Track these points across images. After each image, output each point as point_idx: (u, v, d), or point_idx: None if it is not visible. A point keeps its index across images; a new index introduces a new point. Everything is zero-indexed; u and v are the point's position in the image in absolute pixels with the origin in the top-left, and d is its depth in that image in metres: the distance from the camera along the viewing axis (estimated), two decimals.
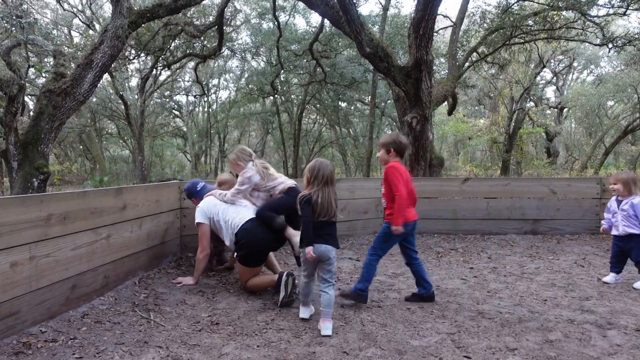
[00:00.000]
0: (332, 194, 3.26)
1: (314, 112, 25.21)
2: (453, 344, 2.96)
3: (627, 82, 17.92)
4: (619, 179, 4.32)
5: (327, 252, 3.23)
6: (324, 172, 3.27)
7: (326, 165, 3.33)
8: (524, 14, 12.69)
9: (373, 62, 8.85)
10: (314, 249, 3.20)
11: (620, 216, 4.25)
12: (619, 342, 2.93)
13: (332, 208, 3.24)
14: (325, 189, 3.25)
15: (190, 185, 4.60)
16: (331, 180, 3.29)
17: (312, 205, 3.22)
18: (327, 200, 3.22)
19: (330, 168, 3.33)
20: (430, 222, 6.38)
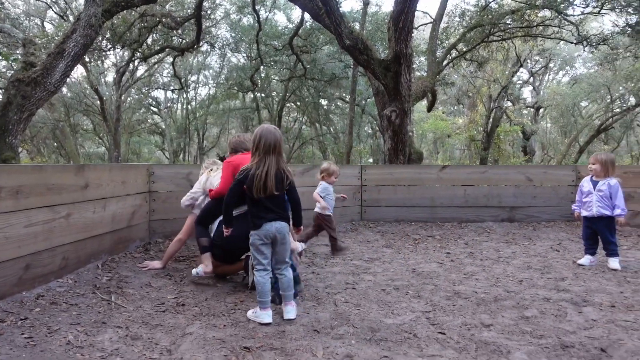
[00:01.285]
0: (274, 165, 2.84)
1: (294, 110, 25.08)
2: (428, 321, 2.86)
3: (601, 82, 18.30)
4: (598, 160, 4.31)
5: (282, 228, 2.88)
6: (266, 140, 2.84)
7: (269, 131, 2.88)
8: (502, 11, 12.81)
9: (353, 54, 8.77)
10: (260, 231, 2.85)
11: (595, 197, 4.23)
12: (595, 318, 2.88)
13: (272, 181, 2.81)
14: (267, 159, 2.83)
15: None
16: (275, 148, 2.86)
17: (253, 179, 2.81)
18: (267, 172, 2.81)
19: (275, 135, 2.88)
20: (408, 209, 6.32)
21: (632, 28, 11.29)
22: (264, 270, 2.91)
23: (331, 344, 2.50)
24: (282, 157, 2.92)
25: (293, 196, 3.00)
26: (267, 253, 2.91)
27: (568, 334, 2.63)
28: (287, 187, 2.92)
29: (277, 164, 2.86)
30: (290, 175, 2.91)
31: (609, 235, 4.21)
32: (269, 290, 2.89)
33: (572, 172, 6.35)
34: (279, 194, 2.89)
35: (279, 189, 2.86)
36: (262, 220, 2.86)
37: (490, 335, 2.62)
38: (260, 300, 2.87)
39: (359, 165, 6.66)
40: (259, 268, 2.91)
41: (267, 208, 2.86)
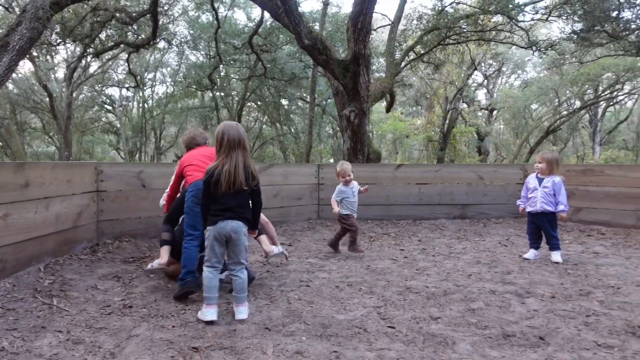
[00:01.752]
0: (242, 160, 2.79)
1: (255, 110, 24.85)
2: (379, 316, 2.90)
3: (549, 86, 19.18)
4: (544, 158, 4.51)
5: (238, 228, 2.82)
6: (229, 136, 2.79)
7: (231, 127, 2.84)
8: (457, 16, 13.18)
9: (312, 54, 8.78)
10: (215, 228, 2.79)
11: (540, 193, 4.42)
12: (536, 308, 3.01)
13: (241, 176, 2.77)
14: (233, 154, 2.78)
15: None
16: (239, 143, 2.80)
17: (218, 177, 2.76)
18: (235, 167, 2.76)
19: (238, 130, 2.84)
20: (365, 208, 6.38)
21: (577, 35, 11.90)
22: (211, 267, 2.86)
23: (282, 341, 2.49)
24: (247, 153, 2.86)
25: (255, 198, 2.96)
26: (218, 251, 2.85)
27: (510, 324, 2.73)
28: (254, 186, 2.88)
29: (243, 160, 2.80)
30: (256, 173, 2.86)
31: (552, 230, 4.41)
32: (215, 287, 2.84)
33: (520, 171, 6.62)
34: (244, 192, 2.84)
35: (247, 185, 2.81)
36: (219, 218, 2.80)
37: (438, 328, 2.68)
38: (205, 296, 2.82)
39: (316, 164, 6.69)
40: (208, 264, 2.87)
41: (226, 206, 2.80)
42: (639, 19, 11.39)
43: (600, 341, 2.46)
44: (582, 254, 4.70)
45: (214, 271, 2.87)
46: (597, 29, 11.23)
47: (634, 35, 11.53)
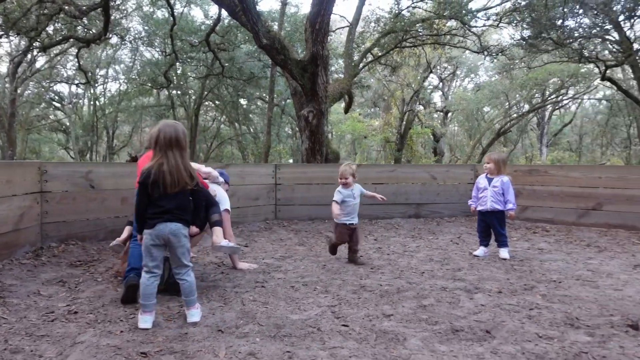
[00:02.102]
0: (179, 160, 2.69)
1: (212, 109, 24.44)
2: (333, 315, 2.92)
3: (500, 90, 20.00)
4: (492, 159, 4.69)
5: (177, 230, 2.70)
6: (165, 135, 2.68)
7: (169, 125, 2.73)
8: (413, 19, 13.49)
9: (270, 54, 8.74)
10: (153, 231, 2.70)
11: (490, 192, 4.60)
12: (483, 303, 3.12)
13: (181, 176, 2.68)
14: (170, 154, 2.67)
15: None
16: (177, 143, 2.69)
17: (155, 177, 2.67)
18: (172, 167, 2.66)
19: (176, 129, 2.72)
20: (322, 208, 6.41)
21: (526, 41, 12.45)
22: (149, 272, 2.73)
23: (235, 343, 2.46)
24: (185, 153, 2.75)
25: (196, 196, 2.87)
26: (156, 255, 2.74)
27: (459, 319, 2.82)
28: (194, 186, 2.77)
29: (181, 159, 2.70)
30: (194, 173, 2.76)
31: (500, 228, 4.60)
32: (152, 294, 2.72)
33: (471, 171, 6.87)
34: (181, 194, 2.74)
35: (182, 187, 2.70)
36: (156, 220, 2.70)
37: (390, 325, 2.73)
38: (142, 303, 2.71)
39: (273, 164, 6.66)
40: (145, 270, 2.75)
41: (163, 208, 2.70)
42: (581, 27, 12.06)
43: (542, 333, 2.59)
44: (527, 250, 4.92)
45: (152, 277, 2.74)
46: (544, 36, 11.79)
47: (577, 43, 12.20)
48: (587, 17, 11.68)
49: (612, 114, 20.84)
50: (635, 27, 12.15)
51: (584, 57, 12.61)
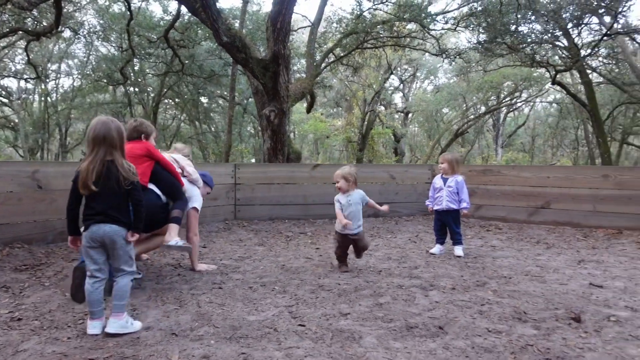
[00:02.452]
0: (111, 158, 2.57)
1: (172, 107, 23.88)
2: (290, 315, 2.92)
3: (458, 92, 20.58)
4: (446, 159, 4.81)
5: (112, 232, 2.57)
6: (96, 132, 2.55)
7: (100, 122, 2.58)
8: (374, 21, 13.67)
9: (230, 52, 8.63)
10: (87, 232, 2.57)
11: (445, 192, 4.72)
12: (438, 300, 3.20)
13: (113, 176, 2.55)
14: (100, 152, 2.55)
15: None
16: (107, 140, 2.55)
17: (79, 175, 2.55)
18: (100, 165, 2.53)
19: (108, 126, 2.57)
20: (282, 207, 6.40)
21: (482, 45, 12.87)
22: (92, 277, 2.61)
23: (189, 347, 2.42)
24: (118, 151, 2.61)
25: (132, 196, 2.67)
26: (96, 258, 2.60)
27: (414, 316, 2.88)
28: (128, 186, 2.61)
29: (110, 158, 2.57)
30: (127, 173, 2.60)
31: (455, 226, 4.73)
32: (96, 300, 2.59)
33: (428, 171, 7.03)
34: (114, 194, 2.59)
35: (110, 187, 2.57)
36: (90, 222, 2.58)
37: (347, 324, 2.75)
38: (89, 310, 2.61)
39: (232, 164, 6.57)
40: (88, 274, 2.63)
41: (95, 209, 2.58)
42: (533, 33, 12.59)
43: (491, 327, 2.68)
44: (481, 248, 5.09)
45: (96, 283, 2.61)
46: (498, 40, 12.22)
47: (529, 48, 12.72)
48: (539, 23, 12.21)
49: (562, 116, 21.86)
50: (582, 34, 12.77)
51: (536, 62, 13.17)
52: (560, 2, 11.23)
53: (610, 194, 6.07)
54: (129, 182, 2.61)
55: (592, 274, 3.98)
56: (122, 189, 2.60)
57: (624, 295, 3.34)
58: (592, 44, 12.41)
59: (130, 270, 2.67)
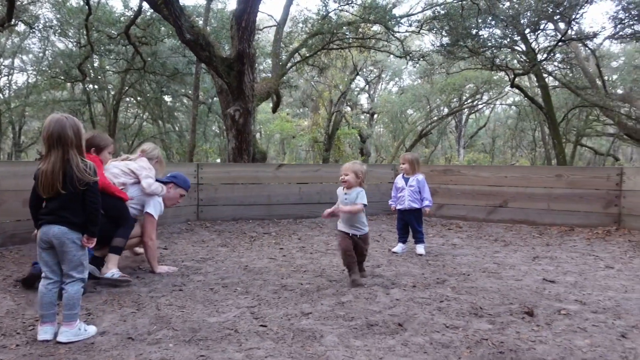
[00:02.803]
0: (66, 159, 2.46)
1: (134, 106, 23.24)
2: (252, 315, 2.90)
3: (422, 93, 20.98)
4: (406, 159, 4.90)
5: (61, 234, 2.47)
6: (49, 131, 2.44)
7: (54, 121, 2.46)
8: (340, 22, 13.76)
9: (194, 50, 8.50)
10: (39, 232, 2.51)
11: (407, 192, 4.80)
12: (398, 297, 3.25)
13: (68, 177, 2.45)
14: (53, 153, 2.45)
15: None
16: (61, 140, 2.44)
17: (38, 177, 2.48)
18: (55, 166, 2.43)
19: (61, 124, 2.45)
20: (246, 208, 6.35)
21: (444, 48, 13.17)
22: (45, 278, 2.53)
23: (145, 351, 2.36)
24: (73, 149, 2.50)
25: (87, 198, 2.55)
26: (47, 260, 2.52)
27: (375, 313, 2.92)
28: (83, 187, 2.51)
29: (64, 158, 2.46)
30: (82, 173, 2.48)
31: (417, 225, 4.82)
32: (48, 303, 2.50)
33: (392, 171, 7.14)
34: (66, 194, 2.48)
35: (65, 188, 2.47)
36: (41, 222, 2.51)
37: (308, 323, 2.76)
38: (40, 313, 2.52)
39: (195, 164, 6.47)
40: (42, 275, 2.56)
41: (48, 208, 2.51)
42: (493, 38, 12.99)
43: (449, 323, 2.75)
44: (442, 246, 5.21)
45: (49, 284, 2.52)
46: (460, 44, 12.53)
47: (489, 52, 13.12)
48: (498, 28, 12.60)
49: (520, 118, 22.64)
50: (539, 39, 13.26)
51: (496, 65, 13.59)
52: (519, 8, 11.63)
53: (563, 193, 6.34)
54: (84, 183, 2.51)
55: (546, 269, 4.14)
56: (77, 190, 2.50)
57: (574, 289, 3.49)
58: (547, 49, 12.92)
59: (80, 277, 2.56)
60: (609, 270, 4.12)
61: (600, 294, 3.36)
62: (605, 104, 13.09)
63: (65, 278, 2.54)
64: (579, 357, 2.29)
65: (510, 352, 2.34)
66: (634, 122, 13.99)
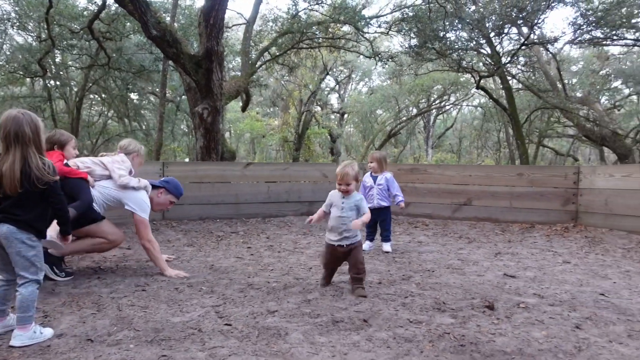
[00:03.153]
0: (20, 156, 2.37)
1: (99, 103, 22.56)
2: (216, 315, 2.86)
3: (391, 94, 21.23)
4: (374, 158, 4.95)
5: (9, 233, 2.37)
6: (7, 129, 2.36)
7: (11, 117, 2.38)
8: (310, 21, 13.78)
9: (161, 46, 8.33)
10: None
11: (376, 190, 4.85)
12: (364, 294, 3.28)
13: (25, 176, 2.37)
14: (11, 150, 2.37)
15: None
16: (19, 137, 2.36)
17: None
18: (10, 166, 2.35)
19: (17, 121, 2.37)
20: (213, 207, 6.27)
21: (413, 49, 13.37)
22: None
23: (105, 352, 2.30)
24: (31, 147, 2.41)
25: (50, 198, 2.50)
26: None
27: (340, 310, 2.93)
28: (43, 186, 2.42)
29: (22, 156, 2.38)
30: (40, 172, 2.40)
31: (387, 223, 4.88)
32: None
33: (361, 170, 7.19)
34: (22, 193, 2.40)
35: (23, 187, 2.38)
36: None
37: (273, 321, 2.75)
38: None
39: (160, 162, 6.34)
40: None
41: (1, 204, 2.42)
42: (460, 41, 13.28)
43: (413, 318, 2.79)
44: (408, 244, 5.29)
45: (0, 285, 2.48)
46: (428, 46, 12.76)
47: (456, 54, 13.41)
48: (465, 31, 12.90)
49: (486, 119, 23.24)
50: (503, 43, 13.67)
51: (462, 68, 13.91)
52: (484, 12, 11.93)
53: (524, 191, 6.55)
54: (44, 182, 2.41)
55: (507, 265, 4.27)
56: (34, 189, 2.40)
57: (533, 284, 3.61)
58: (511, 52, 13.31)
59: (33, 278, 2.45)
60: (566, 265, 4.28)
61: (557, 288, 3.49)
62: (565, 107, 13.59)
63: (18, 279, 2.44)
64: (535, 348, 2.37)
65: (470, 344, 2.40)
66: (592, 124, 14.58)
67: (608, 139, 14.00)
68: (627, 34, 11.82)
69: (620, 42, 12.69)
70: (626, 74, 15.58)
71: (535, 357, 2.27)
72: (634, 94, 17.77)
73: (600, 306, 3.05)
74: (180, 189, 4.16)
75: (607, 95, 18.29)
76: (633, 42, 12.59)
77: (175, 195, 4.12)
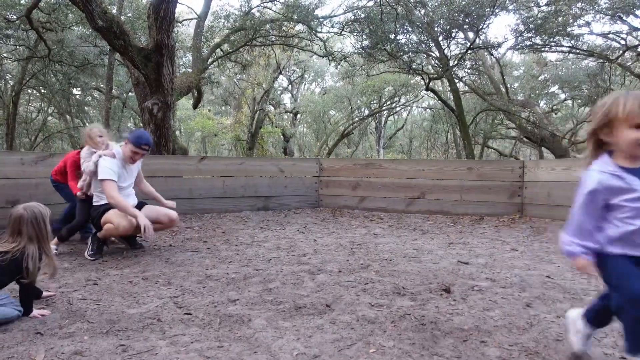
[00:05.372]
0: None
1: (38, 99, 21.27)
2: (175, 305, 2.78)
3: (344, 94, 21.48)
4: None
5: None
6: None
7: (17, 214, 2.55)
8: (263, 19, 13.68)
9: (107, 38, 7.98)
10: None
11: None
12: (325, 282, 3.30)
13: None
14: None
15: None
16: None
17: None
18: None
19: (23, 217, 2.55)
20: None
21: (365, 50, 13.60)
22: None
23: (57, 344, 2.17)
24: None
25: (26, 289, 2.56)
26: None
27: (302, 297, 2.94)
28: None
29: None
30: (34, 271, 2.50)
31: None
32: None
33: (316, 165, 7.23)
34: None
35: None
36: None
37: (235, 309, 2.71)
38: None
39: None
40: None
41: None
42: (410, 43, 13.66)
43: (374, 302, 2.84)
44: (365, 236, 5.37)
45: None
46: (380, 47, 13.03)
47: (406, 56, 13.78)
48: (415, 34, 13.28)
49: (435, 121, 24.01)
50: (451, 46, 14.18)
51: (412, 69, 14.30)
52: (433, 16, 12.34)
53: (474, 185, 6.83)
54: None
55: (460, 253, 4.43)
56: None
57: (485, 269, 3.77)
58: (458, 55, 13.85)
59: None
60: (514, 252, 4.51)
61: (507, 272, 3.66)
62: (508, 109, 14.31)
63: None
64: (491, 324, 2.48)
65: (430, 323, 2.48)
66: (532, 126, 15.44)
67: (547, 140, 14.88)
68: (564, 42, 12.62)
69: (557, 49, 13.54)
70: (562, 80, 16.61)
71: (491, 333, 2.37)
72: (569, 98, 18.98)
73: (547, 287, 3.23)
74: (139, 139, 4.08)
75: (546, 99, 19.43)
76: (568, 49, 13.47)
77: (133, 144, 4.05)
